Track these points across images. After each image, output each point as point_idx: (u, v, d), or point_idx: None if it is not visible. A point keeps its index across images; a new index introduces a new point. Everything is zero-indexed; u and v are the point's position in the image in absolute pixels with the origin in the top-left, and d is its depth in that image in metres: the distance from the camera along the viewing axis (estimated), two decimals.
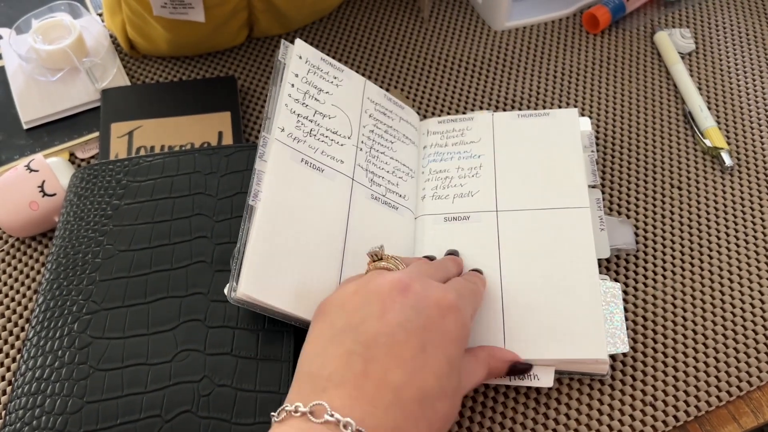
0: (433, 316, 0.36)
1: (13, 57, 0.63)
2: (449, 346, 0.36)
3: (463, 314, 0.38)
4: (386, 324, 0.35)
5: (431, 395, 0.34)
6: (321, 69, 0.52)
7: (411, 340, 0.35)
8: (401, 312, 0.36)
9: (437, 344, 0.36)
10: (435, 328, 0.36)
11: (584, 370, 0.45)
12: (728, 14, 0.67)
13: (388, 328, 0.35)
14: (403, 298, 0.36)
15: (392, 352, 0.34)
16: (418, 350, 0.35)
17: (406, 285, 0.37)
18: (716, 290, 0.50)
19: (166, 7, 0.57)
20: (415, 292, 0.37)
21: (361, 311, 0.36)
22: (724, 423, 0.45)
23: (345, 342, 0.35)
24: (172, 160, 0.50)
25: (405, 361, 0.34)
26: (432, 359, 0.35)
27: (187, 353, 0.42)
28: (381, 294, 0.37)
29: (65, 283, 0.45)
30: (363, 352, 0.34)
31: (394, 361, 0.34)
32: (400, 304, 0.36)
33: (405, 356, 0.34)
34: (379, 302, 0.36)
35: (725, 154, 0.56)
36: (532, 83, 0.62)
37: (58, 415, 0.40)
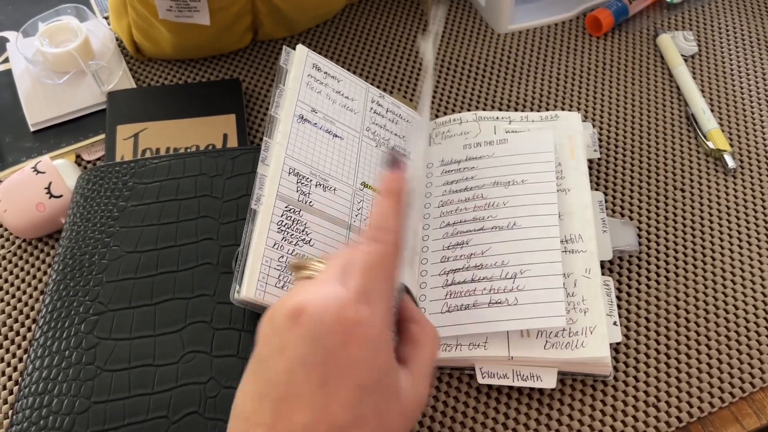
0: (334, 344, 0.33)
1: (20, 60, 0.64)
2: (357, 373, 0.33)
3: (370, 328, 0.34)
4: (286, 361, 0.33)
5: (345, 427, 0.32)
6: (323, 74, 0.52)
7: (311, 376, 0.32)
8: (298, 347, 0.33)
9: (341, 375, 0.33)
10: (336, 358, 0.33)
11: (587, 370, 0.45)
12: (731, 17, 0.67)
13: (288, 366, 0.33)
14: (299, 329, 0.33)
15: (295, 393, 0.32)
16: (318, 386, 0.32)
17: (300, 310, 0.33)
18: (719, 292, 0.50)
19: (171, 11, 0.57)
20: (309, 317, 0.33)
21: (268, 346, 0.34)
22: (727, 424, 0.45)
23: (257, 382, 0.33)
24: (178, 162, 0.51)
25: (307, 399, 0.32)
26: (339, 391, 0.32)
27: (193, 355, 0.42)
28: (279, 327, 0.34)
29: (72, 284, 0.46)
30: (270, 393, 0.33)
31: (298, 402, 0.32)
32: (295, 337, 0.33)
33: (306, 395, 0.32)
34: (278, 337, 0.33)
35: (728, 156, 0.56)
36: (536, 86, 0.62)
37: (65, 415, 0.40)
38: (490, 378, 0.45)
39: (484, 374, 0.45)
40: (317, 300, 0.34)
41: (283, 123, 0.48)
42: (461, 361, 0.46)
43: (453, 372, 0.47)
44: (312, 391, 0.32)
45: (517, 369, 0.45)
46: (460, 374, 0.47)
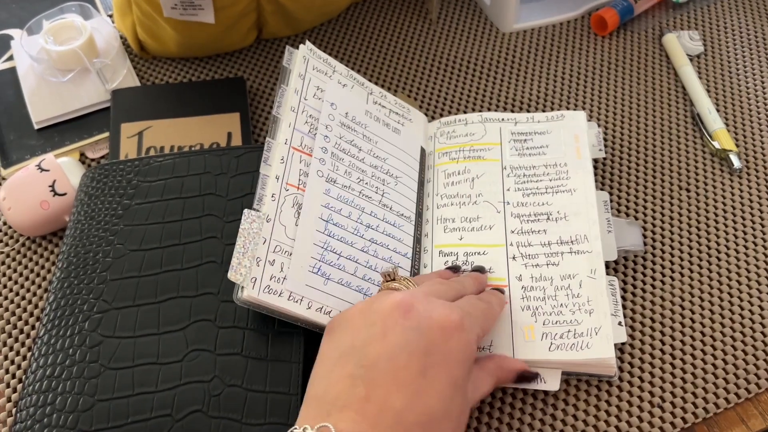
0: (436, 337, 0.36)
1: (25, 58, 0.64)
2: (453, 368, 0.36)
3: (467, 335, 0.37)
4: (387, 346, 0.35)
5: (435, 418, 0.34)
6: (325, 73, 0.52)
7: (412, 363, 0.34)
8: (402, 334, 0.35)
9: (440, 367, 0.35)
10: (437, 351, 0.35)
11: (592, 371, 0.45)
12: (737, 16, 0.67)
13: (390, 350, 0.35)
14: (404, 320, 0.36)
15: (393, 376, 0.34)
16: (419, 374, 0.34)
17: (409, 305, 0.36)
18: (724, 292, 0.50)
19: (176, 9, 0.57)
20: (418, 312, 0.36)
21: (364, 332, 0.36)
22: (732, 425, 0.45)
23: (348, 365, 0.35)
24: (182, 161, 0.51)
25: (406, 385, 0.34)
26: (434, 382, 0.35)
27: (197, 353, 0.42)
28: (383, 315, 0.36)
29: (76, 282, 0.46)
30: (365, 375, 0.34)
31: (395, 385, 0.34)
32: (401, 326, 0.35)
33: (406, 380, 0.34)
34: (381, 323, 0.36)
35: (734, 156, 0.56)
36: (540, 85, 0.62)
37: (69, 412, 0.40)
38: None
39: None
40: (426, 302, 0.37)
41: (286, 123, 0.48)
42: None
43: None
44: (412, 377, 0.34)
45: None
46: None
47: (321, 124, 0.49)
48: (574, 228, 0.49)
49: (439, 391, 0.35)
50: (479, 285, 0.45)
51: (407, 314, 0.36)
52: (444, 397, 0.35)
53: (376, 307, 0.37)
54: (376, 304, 0.37)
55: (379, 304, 0.37)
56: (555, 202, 0.51)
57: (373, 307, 0.37)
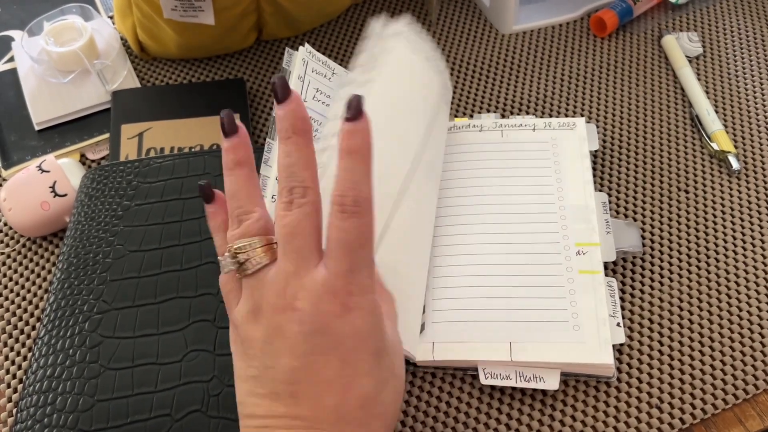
0: (336, 329, 0.33)
1: (25, 59, 0.64)
2: (368, 342, 0.34)
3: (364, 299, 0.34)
4: (297, 357, 0.33)
5: (371, 394, 0.33)
6: (324, 75, 0.52)
7: (329, 361, 0.33)
8: (305, 340, 0.33)
9: (356, 349, 0.33)
10: (344, 339, 0.33)
11: (590, 372, 0.45)
12: (736, 18, 0.67)
13: (301, 360, 0.33)
14: (299, 326, 0.33)
15: (316, 380, 0.33)
16: (339, 367, 0.33)
17: (292, 307, 0.33)
18: (723, 293, 0.50)
19: (176, 10, 0.57)
20: (306, 312, 0.33)
21: (268, 350, 0.34)
22: (730, 426, 0.45)
23: (267, 384, 0.34)
24: (182, 162, 0.51)
25: (331, 383, 0.33)
26: (358, 364, 0.33)
27: (196, 353, 0.42)
28: (276, 327, 0.33)
29: (76, 282, 0.46)
30: (287, 389, 0.33)
31: (322, 387, 0.33)
32: (300, 334, 0.33)
33: (330, 379, 0.33)
34: (279, 337, 0.33)
35: (732, 157, 0.56)
36: (540, 87, 0.62)
37: (69, 412, 0.40)
38: (493, 379, 0.45)
39: (487, 375, 0.45)
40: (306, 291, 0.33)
41: None
42: (464, 361, 0.46)
43: (456, 372, 0.47)
44: (336, 374, 0.33)
45: (520, 370, 0.45)
46: (463, 375, 0.47)
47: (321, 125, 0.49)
48: (572, 229, 0.49)
49: (366, 370, 0.33)
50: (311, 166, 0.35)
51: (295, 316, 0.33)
52: (372, 371, 0.34)
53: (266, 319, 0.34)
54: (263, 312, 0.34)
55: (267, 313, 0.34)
56: (554, 201, 0.51)
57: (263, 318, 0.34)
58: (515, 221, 0.50)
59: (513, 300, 0.47)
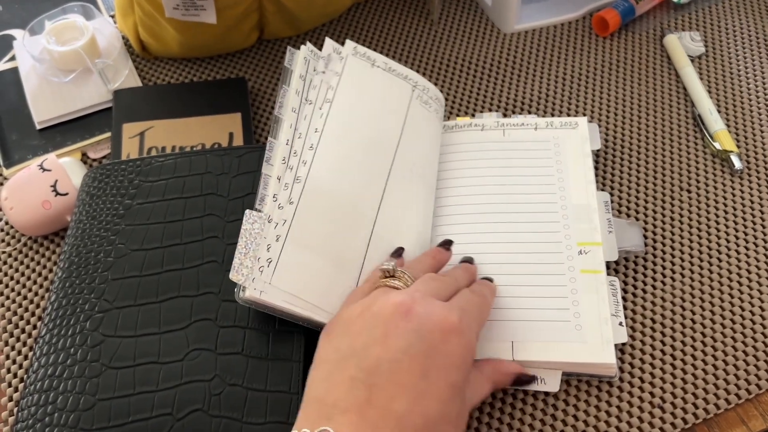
0: (436, 340, 0.36)
1: (27, 58, 0.64)
2: (452, 371, 0.36)
3: (467, 336, 0.38)
4: (389, 350, 0.35)
5: (434, 421, 0.34)
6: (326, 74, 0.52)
7: (413, 366, 0.35)
8: (403, 337, 0.35)
9: (440, 369, 0.35)
10: (437, 354, 0.36)
11: (592, 371, 0.45)
12: (738, 17, 0.67)
13: (391, 354, 0.35)
14: (405, 323, 0.36)
15: (395, 379, 0.34)
16: (420, 377, 0.34)
17: (408, 308, 0.37)
18: (725, 293, 0.50)
19: (178, 9, 0.57)
20: (418, 315, 0.36)
21: (364, 335, 0.36)
22: (733, 426, 0.45)
23: (349, 368, 0.35)
24: (184, 161, 0.51)
25: (408, 388, 0.34)
26: (435, 385, 0.35)
27: (198, 352, 0.42)
28: (383, 318, 0.36)
29: (78, 281, 0.46)
30: (366, 379, 0.34)
31: (397, 389, 0.34)
32: (402, 329, 0.36)
33: (408, 383, 0.34)
34: (381, 326, 0.36)
35: (735, 157, 0.56)
36: (542, 86, 0.62)
37: (70, 411, 0.40)
38: None
39: None
40: (425, 304, 0.37)
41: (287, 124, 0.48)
42: None
43: None
44: (413, 381, 0.34)
45: None
46: None
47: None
48: (574, 228, 0.49)
49: (438, 394, 0.35)
50: (470, 276, 0.45)
51: (407, 316, 0.36)
52: (443, 400, 0.35)
53: (376, 310, 0.37)
54: (375, 305, 0.37)
55: (379, 307, 0.37)
56: (556, 201, 0.51)
57: (372, 309, 0.37)
58: (517, 220, 0.50)
59: (515, 299, 0.46)
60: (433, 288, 0.40)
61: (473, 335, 0.39)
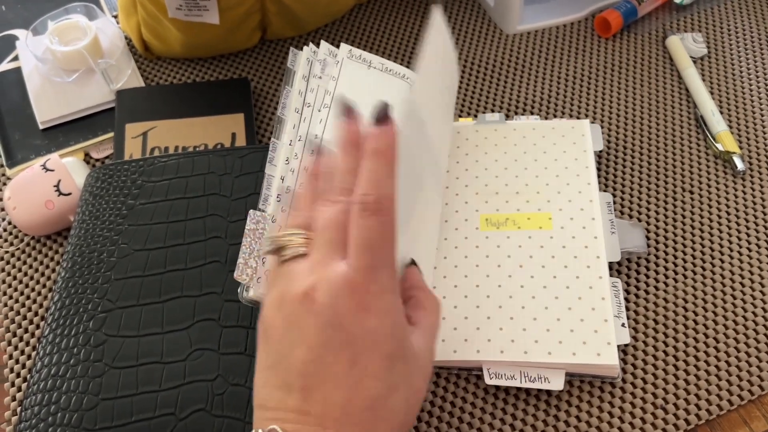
0: (353, 323, 0.33)
1: (30, 58, 0.64)
2: (381, 346, 0.34)
3: (383, 299, 0.34)
4: (310, 350, 0.33)
5: (380, 397, 0.33)
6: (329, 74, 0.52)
7: (339, 359, 0.33)
8: (319, 334, 0.33)
9: (367, 350, 0.34)
10: (358, 338, 0.33)
11: (595, 372, 0.45)
12: (740, 19, 0.67)
13: (313, 353, 0.33)
14: (315, 318, 0.33)
15: (325, 377, 0.33)
16: (349, 366, 0.33)
17: (310, 298, 0.34)
18: (728, 294, 0.50)
19: (181, 9, 0.57)
20: (324, 305, 0.33)
21: (285, 340, 0.34)
22: (735, 427, 0.45)
23: (280, 374, 0.34)
24: (187, 161, 0.51)
25: (341, 379, 0.33)
26: (368, 367, 0.33)
27: (201, 352, 0.42)
28: (294, 317, 0.34)
29: (81, 281, 0.46)
30: (298, 381, 0.33)
31: (331, 384, 0.33)
32: (314, 326, 0.33)
33: (339, 375, 0.33)
34: (296, 327, 0.34)
35: (737, 158, 0.56)
36: (544, 87, 0.62)
37: (73, 411, 0.40)
38: (497, 379, 0.45)
39: (492, 375, 0.45)
40: (326, 282, 0.34)
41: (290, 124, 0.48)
42: (469, 361, 0.45)
43: (461, 372, 0.47)
44: (344, 371, 0.33)
45: (525, 370, 0.45)
46: (467, 375, 0.47)
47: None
48: (576, 229, 0.49)
49: (376, 372, 0.33)
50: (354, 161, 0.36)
51: (314, 309, 0.33)
52: (382, 375, 0.34)
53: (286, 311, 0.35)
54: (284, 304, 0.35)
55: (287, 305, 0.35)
56: (558, 202, 0.51)
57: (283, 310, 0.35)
58: (519, 221, 0.50)
59: (517, 300, 0.46)
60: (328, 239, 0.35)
61: (390, 290, 0.34)
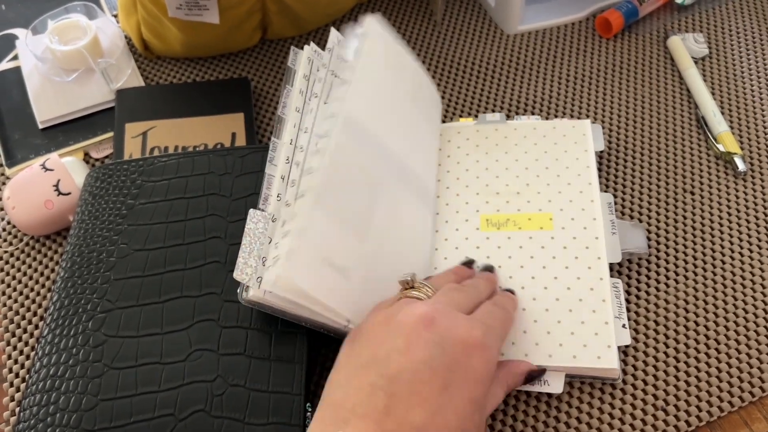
0: (458, 354, 0.36)
1: (30, 57, 0.64)
2: (473, 386, 0.36)
3: (489, 351, 0.37)
4: (410, 360, 0.34)
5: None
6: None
7: (434, 378, 0.34)
8: (426, 349, 0.35)
9: (461, 384, 0.35)
10: (459, 368, 0.35)
11: (595, 373, 0.45)
12: (741, 19, 0.67)
13: (412, 364, 0.34)
14: (428, 334, 0.35)
15: (415, 390, 0.34)
16: (440, 390, 0.34)
17: (432, 319, 0.36)
18: (729, 295, 0.50)
19: (181, 9, 0.57)
20: (441, 327, 0.36)
21: (387, 344, 0.36)
22: (736, 428, 0.45)
23: (369, 374, 0.34)
24: (186, 161, 0.51)
25: (427, 400, 0.34)
26: (455, 399, 0.34)
27: (200, 353, 0.42)
28: (407, 328, 0.36)
29: (80, 281, 0.46)
30: (386, 387, 0.34)
31: (417, 400, 0.33)
32: (424, 340, 0.35)
33: (427, 395, 0.34)
34: (404, 336, 0.36)
35: (738, 159, 0.56)
36: (545, 87, 0.62)
37: (72, 412, 0.40)
38: None
39: None
40: (449, 316, 0.37)
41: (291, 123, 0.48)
42: None
43: None
44: (434, 393, 0.34)
45: None
46: None
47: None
48: (577, 229, 0.49)
49: (458, 408, 0.34)
50: (492, 286, 0.45)
51: (430, 328, 0.36)
52: (463, 415, 0.34)
53: (399, 319, 0.37)
54: (399, 315, 0.37)
55: (402, 316, 0.37)
56: (559, 203, 0.51)
57: (396, 319, 0.37)
58: (519, 222, 0.50)
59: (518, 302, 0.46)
60: (455, 299, 0.40)
61: (496, 350, 0.38)
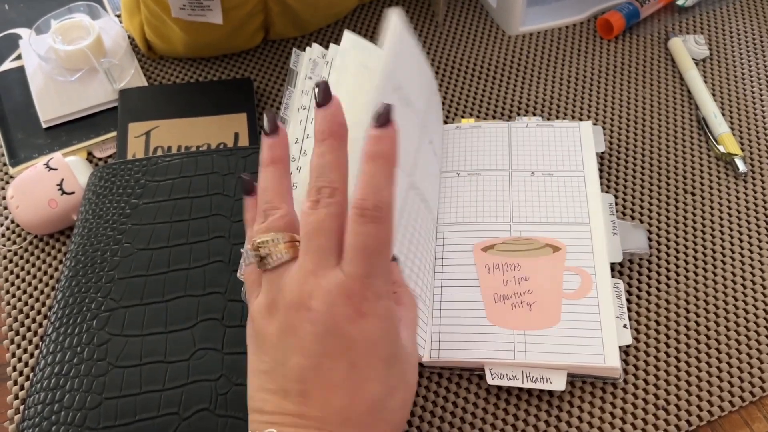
0: (348, 331, 0.33)
1: (33, 57, 0.64)
2: (379, 348, 0.34)
3: (378, 304, 0.34)
4: (308, 357, 0.33)
5: (378, 399, 0.34)
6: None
7: (338, 364, 0.33)
8: (317, 341, 0.33)
9: (365, 354, 0.34)
10: (356, 343, 0.33)
11: (597, 373, 0.45)
12: (742, 21, 0.67)
13: (311, 360, 0.33)
14: (312, 326, 0.33)
15: (324, 383, 0.33)
16: (348, 370, 0.33)
17: (307, 307, 0.33)
18: (729, 296, 0.50)
19: (184, 9, 0.57)
20: (320, 312, 0.33)
21: (281, 347, 0.34)
22: (737, 428, 0.45)
23: (277, 380, 0.34)
24: (190, 161, 0.51)
25: (339, 385, 0.33)
26: (366, 369, 0.33)
27: (204, 352, 0.42)
28: (291, 325, 0.34)
29: (84, 280, 0.46)
30: (297, 388, 0.33)
31: (330, 389, 0.33)
32: (312, 334, 0.33)
33: (338, 381, 0.33)
34: (292, 335, 0.34)
35: (739, 160, 0.56)
36: (546, 88, 0.62)
37: (76, 410, 0.40)
38: (499, 379, 0.45)
39: (494, 375, 0.45)
40: (322, 290, 0.33)
41: (293, 124, 0.48)
42: (471, 362, 0.46)
43: (463, 373, 0.47)
44: (343, 377, 0.33)
45: (527, 371, 0.45)
46: (469, 375, 0.47)
47: None
48: (578, 230, 0.49)
49: (374, 375, 0.34)
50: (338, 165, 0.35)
51: (309, 315, 0.33)
52: (381, 377, 0.34)
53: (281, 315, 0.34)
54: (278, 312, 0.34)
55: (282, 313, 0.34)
56: (560, 203, 0.51)
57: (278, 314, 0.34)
58: (521, 222, 0.50)
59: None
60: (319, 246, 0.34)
61: (384, 295, 0.34)
